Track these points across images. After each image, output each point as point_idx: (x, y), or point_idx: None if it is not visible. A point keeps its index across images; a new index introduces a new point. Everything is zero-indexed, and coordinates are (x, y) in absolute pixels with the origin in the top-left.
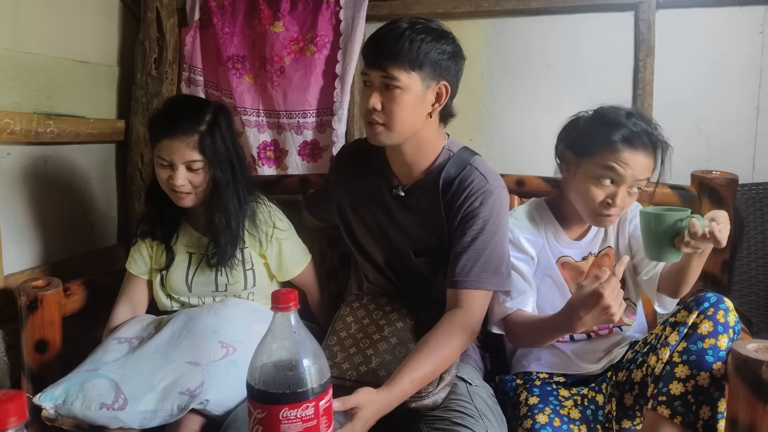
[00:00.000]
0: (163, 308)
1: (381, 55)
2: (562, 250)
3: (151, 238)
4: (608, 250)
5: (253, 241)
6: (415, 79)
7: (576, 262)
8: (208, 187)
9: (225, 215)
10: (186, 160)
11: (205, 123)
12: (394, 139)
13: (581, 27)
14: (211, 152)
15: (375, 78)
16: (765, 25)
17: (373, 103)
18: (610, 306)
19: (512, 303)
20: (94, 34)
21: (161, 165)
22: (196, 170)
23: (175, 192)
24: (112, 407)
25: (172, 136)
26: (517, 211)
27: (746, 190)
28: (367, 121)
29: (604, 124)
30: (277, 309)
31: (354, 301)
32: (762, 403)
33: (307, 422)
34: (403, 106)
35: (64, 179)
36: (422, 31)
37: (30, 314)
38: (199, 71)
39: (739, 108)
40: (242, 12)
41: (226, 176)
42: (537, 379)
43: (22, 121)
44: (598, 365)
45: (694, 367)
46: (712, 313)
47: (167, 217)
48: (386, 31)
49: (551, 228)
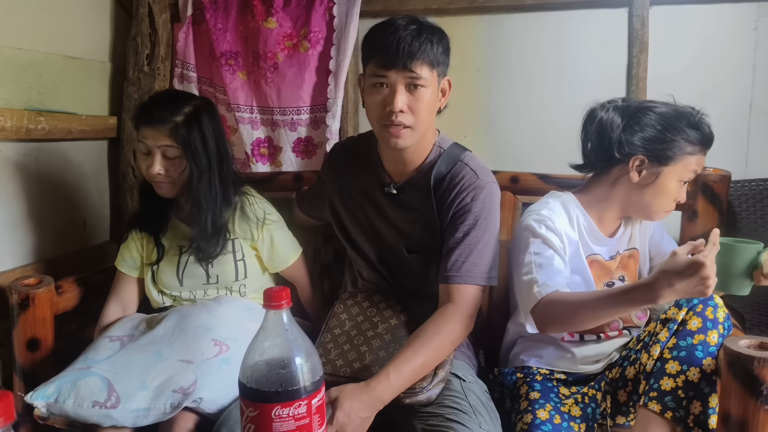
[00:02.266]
0: (156, 305)
1: (406, 55)
2: (592, 248)
3: (139, 229)
4: (633, 251)
5: (243, 233)
6: (435, 77)
7: (605, 261)
8: (184, 178)
9: (196, 207)
10: (160, 144)
11: (182, 114)
12: (416, 139)
13: (575, 23)
14: (185, 142)
15: (398, 79)
16: (758, 22)
17: (402, 105)
18: (708, 277)
19: (547, 286)
20: (86, 29)
21: (141, 152)
22: (172, 158)
23: (154, 181)
24: (104, 405)
25: (149, 123)
26: (550, 203)
27: (739, 186)
28: (387, 124)
29: (689, 127)
30: (270, 307)
31: (348, 298)
32: (754, 399)
33: (299, 420)
34: (428, 105)
35: (55, 176)
36: (432, 31)
37: (22, 312)
38: (191, 67)
39: (733, 104)
40: (235, 8)
41: (199, 168)
42: (538, 374)
43: (13, 118)
44: (598, 365)
45: (684, 362)
46: (701, 310)
47: (156, 209)
48: (400, 31)
49: (585, 224)
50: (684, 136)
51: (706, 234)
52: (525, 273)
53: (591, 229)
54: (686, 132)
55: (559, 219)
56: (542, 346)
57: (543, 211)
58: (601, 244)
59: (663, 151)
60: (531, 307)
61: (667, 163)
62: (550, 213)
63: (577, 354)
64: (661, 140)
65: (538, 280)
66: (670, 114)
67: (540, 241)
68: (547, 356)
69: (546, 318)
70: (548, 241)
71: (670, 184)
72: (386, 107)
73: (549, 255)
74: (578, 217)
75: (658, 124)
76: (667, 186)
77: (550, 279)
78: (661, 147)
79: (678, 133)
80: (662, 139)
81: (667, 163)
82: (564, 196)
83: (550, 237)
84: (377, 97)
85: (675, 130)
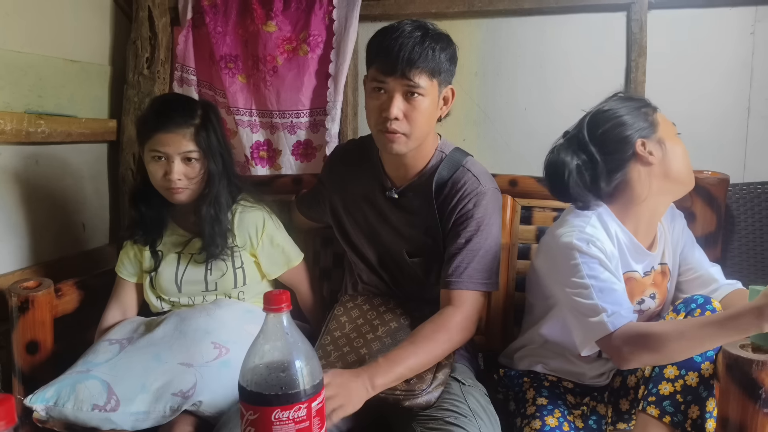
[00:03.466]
0: (155, 310)
1: (404, 63)
2: (631, 264)
3: (133, 242)
4: (665, 267)
5: (242, 240)
6: (435, 86)
7: (640, 278)
8: (201, 181)
9: (215, 207)
10: (182, 151)
11: (198, 117)
12: (411, 146)
13: (573, 27)
14: (206, 144)
15: (396, 86)
16: (755, 26)
17: (397, 112)
18: None
19: (620, 316)
20: (86, 33)
21: (156, 159)
22: (191, 162)
23: (170, 188)
24: (104, 408)
25: (166, 129)
26: (590, 217)
27: (737, 189)
28: (383, 129)
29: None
30: (270, 310)
31: (348, 301)
32: (752, 402)
33: (299, 423)
34: (425, 114)
35: (55, 179)
36: (437, 39)
37: (21, 315)
38: (191, 71)
39: (731, 108)
40: (235, 11)
41: (218, 168)
42: (546, 381)
43: (13, 121)
44: (604, 377)
45: (683, 367)
46: (699, 315)
47: (151, 218)
48: (403, 38)
49: (624, 239)
50: (637, 104)
51: (704, 237)
52: (583, 297)
53: (631, 243)
54: (633, 102)
55: (603, 237)
56: (551, 356)
57: (587, 229)
58: (641, 260)
59: (642, 125)
60: (599, 337)
61: (656, 129)
62: (595, 231)
63: (587, 372)
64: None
65: (607, 309)
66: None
67: (593, 262)
68: (554, 365)
69: (632, 352)
70: (603, 262)
71: (674, 141)
72: (383, 113)
73: (606, 278)
74: (617, 232)
75: (616, 112)
76: (674, 144)
77: (620, 307)
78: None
79: (631, 108)
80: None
81: (656, 129)
82: (599, 208)
83: (602, 257)
84: (375, 102)
85: (628, 108)
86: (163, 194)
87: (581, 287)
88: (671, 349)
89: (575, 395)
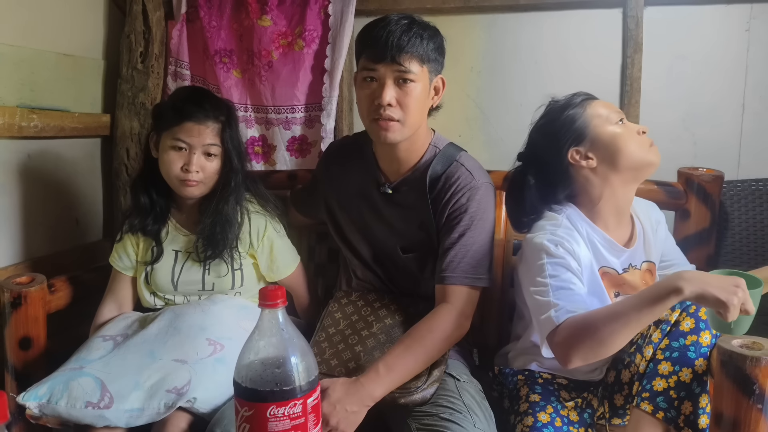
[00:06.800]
0: (147, 305)
1: (394, 49)
2: (607, 259)
3: (142, 233)
4: (650, 265)
5: (244, 241)
6: (425, 73)
7: (616, 275)
8: (215, 179)
9: (225, 206)
10: (206, 143)
11: (224, 114)
12: (406, 134)
13: (570, 23)
14: (230, 142)
15: (386, 73)
16: (751, 23)
17: (390, 98)
18: (740, 287)
19: (565, 311)
20: (79, 26)
21: (177, 149)
22: (211, 158)
23: (186, 180)
24: (97, 406)
25: (196, 120)
26: (560, 220)
27: (732, 186)
28: (377, 118)
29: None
30: (265, 306)
31: (342, 297)
32: (746, 398)
33: (294, 420)
34: (418, 100)
35: (48, 174)
36: (424, 27)
37: (13, 311)
38: (185, 65)
39: (726, 105)
40: (229, 5)
41: (235, 168)
42: (540, 378)
43: (5, 115)
44: (597, 371)
45: (677, 363)
46: (693, 311)
47: (158, 209)
48: (390, 26)
49: (596, 236)
50: (563, 108)
51: (698, 233)
52: (540, 294)
53: (604, 239)
54: (560, 107)
55: (574, 238)
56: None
57: (559, 231)
58: (616, 254)
59: (570, 132)
60: (547, 332)
61: (586, 130)
62: (566, 232)
63: (581, 368)
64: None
65: (557, 304)
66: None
67: (558, 263)
68: (550, 364)
69: (572, 345)
70: (567, 264)
71: (608, 131)
72: (375, 101)
73: (566, 278)
74: (587, 231)
75: (543, 127)
76: (615, 133)
77: (569, 303)
78: (566, 134)
79: (557, 115)
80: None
81: (586, 130)
82: (566, 210)
83: (568, 259)
84: (366, 91)
85: (554, 115)
86: (174, 186)
87: (542, 285)
88: (605, 332)
89: (569, 391)
